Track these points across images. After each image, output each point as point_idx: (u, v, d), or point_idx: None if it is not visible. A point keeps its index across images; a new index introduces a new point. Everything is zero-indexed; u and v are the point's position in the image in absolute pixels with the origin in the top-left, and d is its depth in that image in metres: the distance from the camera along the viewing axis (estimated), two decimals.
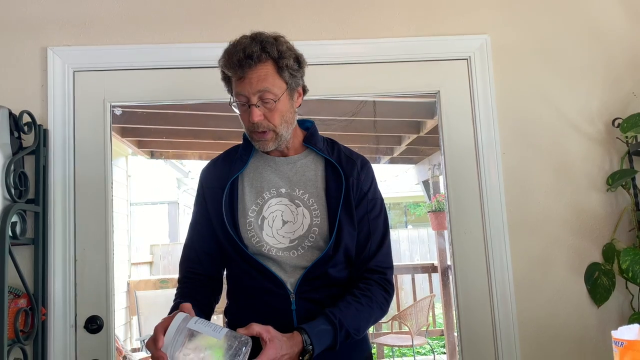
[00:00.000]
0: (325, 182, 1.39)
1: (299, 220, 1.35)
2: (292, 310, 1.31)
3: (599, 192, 2.08)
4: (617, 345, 0.94)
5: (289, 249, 1.34)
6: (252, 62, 1.27)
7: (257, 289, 1.33)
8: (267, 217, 1.36)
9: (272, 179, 1.39)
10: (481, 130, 2.06)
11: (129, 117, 4.00)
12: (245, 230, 1.35)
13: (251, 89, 1.28)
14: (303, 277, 1.32)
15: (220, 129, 4.50)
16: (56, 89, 1.97)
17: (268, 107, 1.30)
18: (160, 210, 8.68)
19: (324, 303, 1.31)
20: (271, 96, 1.29)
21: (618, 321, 2.00)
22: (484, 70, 2.08)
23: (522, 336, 1.99)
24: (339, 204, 1.35)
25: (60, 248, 1.90)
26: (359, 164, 1.43)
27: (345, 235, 1.34)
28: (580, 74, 2.13)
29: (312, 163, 1.42)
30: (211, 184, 1.43)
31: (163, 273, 6.84)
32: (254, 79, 1.28)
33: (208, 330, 1.08)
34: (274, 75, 1.30)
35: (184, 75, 2.04)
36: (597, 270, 2.02)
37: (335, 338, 1.23)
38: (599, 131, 2.11)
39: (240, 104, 1.32)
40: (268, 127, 1.31)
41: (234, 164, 1.42)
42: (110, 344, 1.91)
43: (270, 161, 1.42)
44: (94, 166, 1.97)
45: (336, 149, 1.46)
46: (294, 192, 1.38)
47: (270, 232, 1.35)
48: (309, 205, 1.36)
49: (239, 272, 1.37)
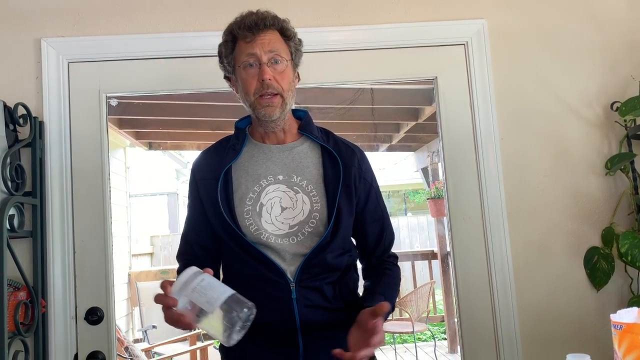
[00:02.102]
0: (323, 168, 1.39)
1: (299, 206, 1.35)
2: (293, 299, 1.30)
3: (597, 176, 2.08)
4: (616, 329, 0.94)
5: (288, 235, 1.33)
6: (265, 24, 1.33)
7: (257, 278, 1.32)
8: (265, 204, 1.35)
9: (269, 166, 1.39)
10: (479, 116, 2.05)
11: (126, 108, 3.98)
12: (243, 218, 1.34)
13: (263, 48, 1.32)
14: (302, 265, 1.31)
15: (218, 119, 4.48)
16: (51, 81, 1.95)
17: (278, 69, 1.33)
18: (160, 202, 8.67)
19: (323, 290, 1.33)
20: (280, 58, 1.33)
21: (617, 305, 2.01)
22: (482, 56, 2.07)
23: (521, 321, 2.00)
24: (338, 190, 1.35)
25: (59, 240, 1.90)
26: (358, 154, 1.44)
27: (343, 221, 1.35)
28: (578, 57, 2.12)
29: (309, 150, 1.42)
30: (204, 175, 1.42)
31: (164, 264, 6.85)
32: (265, 40, 1.32)
33: (212, 292, 1.07)
34: (282, 43, 1.36)
35: (180, 64, 2.03)
36: (596, 255, 2.02)
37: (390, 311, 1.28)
38: (598, 115, 2.10)
39: (248, 65, 1.33)
40: (277, 89, 1.33)
41: (226, 154, 1.41)
42: (111, 335, 1.91)
43: (265, 149, 1.41)
44: (91, 157, 1.96)
45: (331, 138, 1.46)
46: (291, 178, 1.37)
47: (269, 219, 1.34)
48: (308, 191, 1.36)
49: (237, 262, 1.36)
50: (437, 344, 5.52)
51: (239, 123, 1.50)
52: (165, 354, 4.32)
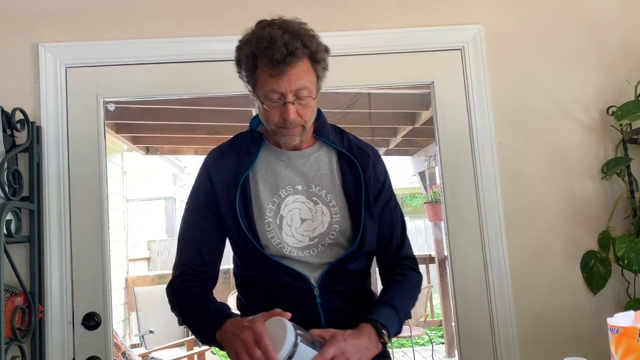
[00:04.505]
0: (342, 176, 1.34)
1: (319, 218, 1.31)
2: (318, 303, 1.28)
3: (594, 180, 2.09)
4: (612, 332, 0.94)
5: (309, 247, 1.30)
6: (295, 59, 1.20)
7: (280, 286, 1.29)
8: (286, 216, 1.31)
9: (287, 174, 1.34)
10: (476, 120, 2.06)
11: (123, 112, 3.99)
12: (264, 231, 1.29)
13: (289, 86, 1.21)
14: (326, 272, 1.29)
15: (216, 124, 4.49)
16: (48, 86, 1.96)
17: (303, 103, 1.24)
18: (157, 206, 8.67)
19: (347, 294, 1.32)
20: (307, 93, 1.23)
21: (614, 308, 2.01)
22: (478, 60, 2.08)
23: (519, 324, 2.00)
24: (361, 201, 1.31)
25: (56, 245, 1.89)
26: (372, 155, 1.40)
27: (368, 232, 1.32)
28: (574, 62, 2.13)
29: (325, 156, 1.37)
30: (222, 178, 1.34)
31: (161, 269, 6.84)
32: (293, 76, 1.20)
33: None
34: (310, 71, 1.24)
35: (177, 69, 2.03)
36: (592, 258, 2.03)
37: (399, 319, 1.24)
38: (594, 119, 2.11)
39: (270, 101, 1.24)
40: (299, 123, 1.26)
41: (242, 158, 1.34)
42: (108, 340, 1.91)
43: (282, 155, 1.35)
44: (89, 162, 1.96)
45: (345, 139, 1.41)
46: (310, 188, 1.33)
47: (289, 232, 1.30)
48: (327, 202, 1.32)
49: (258, 271, 1.32)
50: (434, 348, 5.52)
51: (254, 123, 1.40)
52: (162, 359, 4.30)
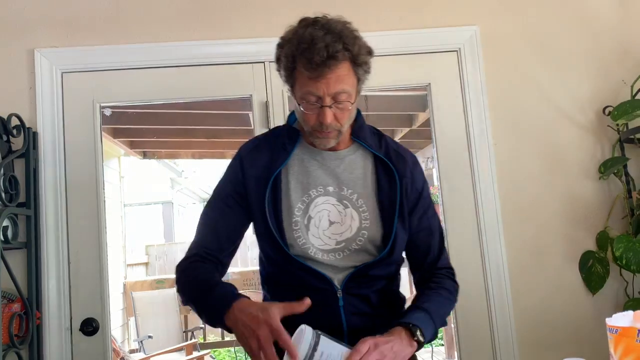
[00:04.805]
0: (377, 182, 1.30)
1: (347, 222, 1.28)
2: (340, 306, 1.25)
3: (591, 180, 2.09)
4: (611, 333, 0.94)
5: (335, 251, 1.27)
6: (335, 62, 1.16)
7: (302, 286, 1.25)
8: (314, 217, 1.27)
9: (319, 175, 1.30)
10: (472, 121, 2.06)
11: (120, 117, 3.98)
12: (290, 230, 1.26)
13: (328, 90, 1.17)
14: (350, 275, 1.26)
15: (213, 127, 4.48)
16: (44, 91, 1.95)
17: (341, 107, 1.20)
18: (155, 211, 8.65)
19: (371, 298, 1.28)
20: (345, 97, 1.20)
21: (613, 308, 2.01)
22: (474, 62, 2.08)
23: (518, 326, 2.00)
24: (394, 209, 1.27)
25: (53, 251, 1.89)
26: (410, 162, 1.35)
27: (399, 242, 1.29)
28: (570, 62, 2.13)
29: (361, 159, 1.33)
30: (254, 172, 1.30)
31: (159, 273, 6.83)
32: (332, 79, 1.17)
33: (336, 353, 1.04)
34: (350, 74, 1.21)
35: (174, 73, 2.03)
36: (591, 259, 2.03)
37: (434, 323, 1.19)
38: (590, 120, 2.11)
39: (308, 103, 1.21)
40: (335, 127, 1.22)
41: (276, 153, 1.31)
42: (106, 345, 1.90)
43: (316, 154, 1.31)
44: (85, 168, 1.96)
45: (383, 143, 1.36)
46: (342, 191, 1.29)
47: (316, 233, 1.27)
48: (358, 206, 1.28)
49: (280, 270, 1.30)
50: (434, 350, 5.51)
51: (291, 119, 1.36)
52: None
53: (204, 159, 6.96)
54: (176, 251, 7.26)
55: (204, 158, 6.60)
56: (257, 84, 2.03)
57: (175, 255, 7.18)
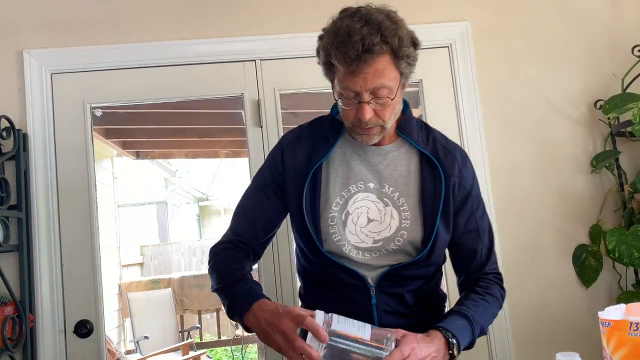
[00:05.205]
0: (421, 180, 1.24)
1: (386, 221, 1.23)
2: (373, 304, 1.22)
3: (583, 174, 2.09)
4: (604, 326, 0.94)
5: (371, 249, 1.22)
6: (371, 56, 1.09)
7: (335, 282, 1.23)
8: (352, 212, 1.23)
9: (360, 170, 1.25)
10: (465, 117, 2.06)
11: (112, 118, 3.95)
12: (326, 224, 1.22)
13: (365, 85, 1.11)
14: (385, 273, 1.22)
15: (206, 127, 4.46)
16: (34, 93, 1.94)
17: (381, 103, 1.14)
18: (149, 211, 8.62)
19: (406, 298, 1.24)
20: (386, 92, 1.13)
21: (607, 301, 2.02)
22: (466, 58, 2.08)
23: (512, 319, 2.00)
24: (437, 209, 1.21)
25: (46, 253, 1.88)
26: (459, 159, 1.28)
27: (439, 244, 1.23)
28: (561, 57, 2.14)
29: (405, 156, 1.27)
30: (294, 164, 1.27)
31: (154, 274, 6.80)
32: (369, 74, 1.11)
33: (354, 329, 1.02)
34: (391, 68, 1.13)
35: (164, 73, 2.02)
36: (584, 252, 2.03)
37: (472, 333, 1.15)
38: (582, 114, 2.12)
39: (346, 99, 1.16)
40: (377, 123, 1.17)
41: (318, 145, 1.26)
42: (101, 347, 1.89)
43: (359, 149, 1.26)
44: (77, 169, 1.94)
45: (431, 138, 1.30)
46: (383, 188, 1.24)
47: (353, 230, 1.22)
48: (399, 205, 1.23)
49: (314, 265, 1.27)
50: None
51: (334, 110, 1.30)
52: None
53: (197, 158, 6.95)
54: (171, 251, 7.24)
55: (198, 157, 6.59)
56: (249, 82, 2.02)
57: (170, 255, 7.16)
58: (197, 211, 11.39)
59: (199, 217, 11.42)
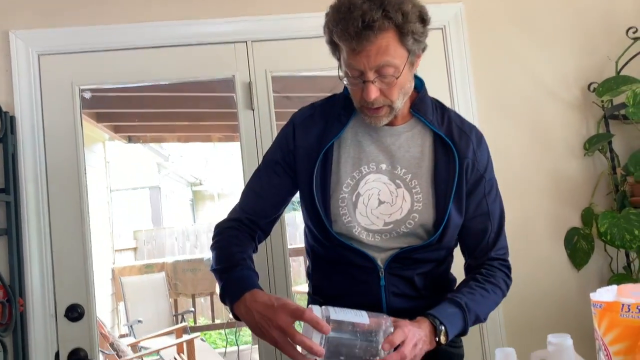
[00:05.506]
0: (434, 162, 1.22)
1: (398, 203, 1.20)
2: (381, 286, 1.21)
3: (576, 157, 2.09)
4: (595, 307, 0.94)
5: (381, 232, 1.20)
6: (372, 32, 1.05)
7: (344, 263, 1.22)
8: (363, 194, 1.21)
9: (372, 151, 1.23)
10: (458, 99, 2.04)
11: (102, 101, 3.91)
12: (337, 205, 1.20)
13: (368, 63, 1.08)
14: (394, 256, 1.20)
15: (198, 110, 4.43)
16: (21, 74, 1.90)
17: (387, 82, 1.11)
18: (142, 195, 8.59)
19: (414, 280, 1.23)
20: (391, 70, 1.09)
21: (598, 284, 2.03)
22: (459, 39, 2.06)
23: (504, 302, 1.98)
24: (451, 192, 1.19)
25: (35, 237, 1.86)
26: (474, 140, 1.25)
27: (451, 227, 1.21)
28: (555, 39, 2.12)
29: (418, 137, 1.24)
30: (305, 143, 1.24)
31: (148, 258, 6.80)
32: (372, 51, 1.07)
33: (352, 317, 1.01)
34: (396, 45, 1.09)
35: (153, 54, 1.98)
36: (576, 235, 2.04)
37: (465, 321, 1.13)
38: (576, 96, 2.11)
39: (351, 78, 1.13)
40: (384, 103, 1.13)
41: (330, 124, 1.24)
42: (92, 331, 1.88)
43: (371, 129, 1.23)
44: (66, 152, 1.92)
45: (446, 118, 1.27)
46: (395, 169, 1.22)
47: (364, 211, 1.20)
48: (411, 187, 1.21)
49: (321, 244, 1.25)
50: None
51: (347, 89, 1.25)
52: (151, 347, 4.29)
53: (190, 142, 6.90)
54: (164, 236, 7.23)
55: (190, 141, 6.55)
56: (240, 64, 1.99)
57: (163, 240, 7.15)
58: (191, 196, 11.37)
59: (192, 202, 11.41)
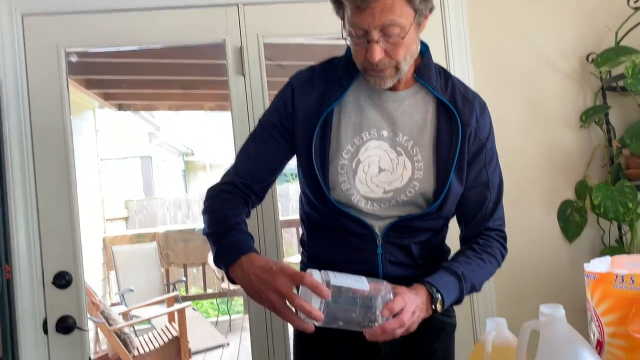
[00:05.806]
0: (437, 129, 1.19)
1: (398, 171, 1.18)
2: (378, 254, 1.19)
3: (572, 129, 2.07)
4: (589, 278, 0.93)
5: (380, 200, 1.18)
6: None
7: (341, 230, 1.20)
8: (363, 161, 1.18)
9: (374, 116, 1.20)
10: (455, 70, 2.00)
11: (91, 67, 3.84)
12: (335, 173, 1.18)
13: (373, 22, 1.05)
14: (393, 224, 1.19)
15: (189, 78, 4.36)
16: (4, 36, 1.84)
17: (392, 42, 1.07)
18: (133, 165, 8.54)
19: (411, 249, 1.22)
20: (397, 30, 1.06)
21: (590, 256, 2.01)
22: (457, 9, 2.01)
23: (496, 274, 2.00)
24: (452, 161, 1.17)
25: (22, 203, 1.82)
26: (477, 108, 1.23)
27: (452, 196, 1.19)
28: (554, 9, 2.07)
29: (422, 103, 1.21)
30: (304, 107, 1.21)
31: (139, 228, 6.79)
32: (377, 9, 1.04)
33: (352, 282, 1.00)
34: (402, 3, 1.05)
35: (142, 17, 1.92)
36: (569, 207, 2.03)
37: (461, 290, 1.13)
38: (573, 67, 2.07)
39: (355, 37, 1.09)
40: (389, 64, 1.10)
41: (331, 88, 1.20)
42: (80, 299, 1.87)
43: (373, 94, 1.20)
44: (52, 116, 1.87)
45: (450, 84, 1.24)
46: (396, 137, 1.19)
47: (363, 179, 1.18)
48: (412, 155, 1.18)
49: (318, 211, 1.23)
50: None
51: (350, 51, 1.20)
52: (142, 316, 4.31)
53: (181, 110, 6.82)
54: (156, 205, 7.21)
55: (182, 110, 6.47)
56: (231, 28, 1.94)
57: (155, 210, 7.14)
58: (183, 166, 11.32)
59: (184, 172, 11.36)
